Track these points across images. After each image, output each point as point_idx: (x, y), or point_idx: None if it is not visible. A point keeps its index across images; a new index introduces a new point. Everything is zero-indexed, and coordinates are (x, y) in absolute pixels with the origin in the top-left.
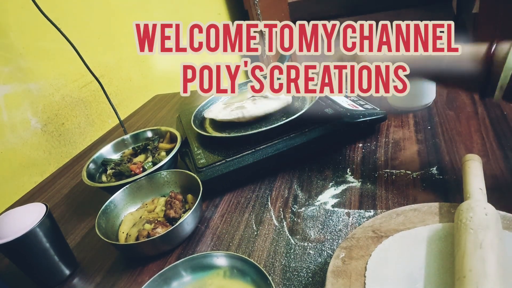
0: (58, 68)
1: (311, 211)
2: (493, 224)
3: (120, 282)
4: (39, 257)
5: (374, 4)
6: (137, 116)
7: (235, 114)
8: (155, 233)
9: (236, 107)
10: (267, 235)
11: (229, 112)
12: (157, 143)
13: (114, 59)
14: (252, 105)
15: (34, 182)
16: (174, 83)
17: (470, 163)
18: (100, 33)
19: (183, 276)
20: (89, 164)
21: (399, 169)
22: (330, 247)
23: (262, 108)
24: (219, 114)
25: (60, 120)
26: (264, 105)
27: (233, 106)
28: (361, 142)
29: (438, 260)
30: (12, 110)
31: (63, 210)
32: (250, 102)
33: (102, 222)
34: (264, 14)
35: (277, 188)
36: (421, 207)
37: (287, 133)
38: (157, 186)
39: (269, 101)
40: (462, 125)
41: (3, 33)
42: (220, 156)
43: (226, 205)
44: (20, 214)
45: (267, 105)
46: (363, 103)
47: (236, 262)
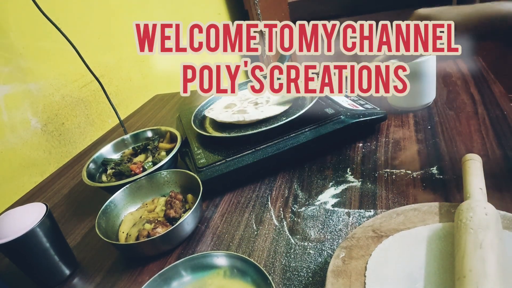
0: (58, 68)
1: (311, 210)
2: (493, 224)
3: (120, 282)
4: (39, 257)
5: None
6: (137, 116)
7: (236, 118)
8: (155, 233)
9: (238, 111)
10: (267, 235)
11: (230, 114)
12: (157, 143)
13: (114, 59)
14: (253, 110)
15: (34, 182)
16: (174, 83)
17: (470, 162)
18: (100, 33)
19: (183, 276)
20: (89, 164)
21: (399, 169)
22: (330, 246)
23: (263, 114)
24: (220, 116)
25: (60, 120)
26: (266, 110)
27: (234, 108)
28: (361, 142)
29: (438, 260)
30: (12, 110)
31: (63, 210)
32: (252, 107)
33: (102, 222)
34: (264, 14)
35: (277, 188)
36: (421, 207)
37: (287, 133)
38: (157, 186)
39: (270, 107)
40: (462, 125)
41: (3, 33)
42: (220, 156)
43: (226, 205)
44: (20, 214)
45: (269, 111)
46: (363, 103)
47: (236, 262)
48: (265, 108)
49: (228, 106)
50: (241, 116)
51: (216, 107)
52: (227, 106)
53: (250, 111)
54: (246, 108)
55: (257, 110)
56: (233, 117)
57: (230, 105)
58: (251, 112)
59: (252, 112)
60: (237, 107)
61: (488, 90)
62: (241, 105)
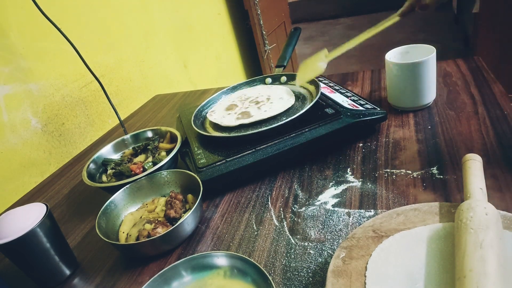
0: (58, 68)
1: (311, 211)
2: (493, 224)
3: (121, 282)
4: (39, 257)
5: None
6: (137, 116)
7: (240, 122)
8: (156, 233)
9: (241, 113)
10: (268, 235)
11: (234, 118)
12: (157, 143)
13: (114, 59)
14: (256, 111)
15: (34, 182)
16: (174, 83)
17: (470, 162)
18: (100, 33)
19: (183, 276)
20: (90, 164)
21: (400, 169)
22: (331, 247)
23: (266, 114)
24: (224, 120)
25: (60, 120)
26: (269, 109)
27: (236, 110)
28: (361, 142)
29: (438, 260)
30: (13, 110)
31: (63, 210)
32: (254, 107)
33: (103, 222)
34: (264, 14)
35: (277, 188)
36: (421, 207)
37: (287, 133)
38: (158, 186)
39: (273, 105)
40: (463, 125)
41: (3, 33)
42: (220, 156)
43: (227, 205)
44: (21, 214)
45: (272, 110)
46: (363, 103)
47: (236, 262)
48: (267, 107)
49: (230, 107)
50: (246, 120)
51: (218, 109)
52: (228, 108)
53: (254, 112)
54: (249, 109)
55: (260, 110)
56: (237, 122)
57: (232, 107)
58: (254, 114)
59: (255, 114)
60: (239, 108)
61: (488, 90)
62: (243, 106)
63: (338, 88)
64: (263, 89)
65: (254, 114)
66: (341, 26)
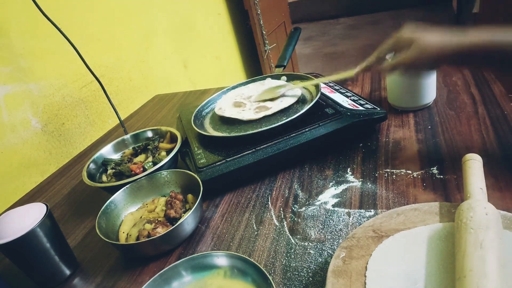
0: (58, 68)
1: (311, 210)
2: (493, 223)
3: (121, 282)
4: (39, 257)
5: (374, 4)
6: (137, 116)
7: (263, 114)
8: (156, 233)
9: (259, 107)
10: (268, 235)
11: (253, 113)
12: (158, 143)
13: (114, 59)
14: (271, 103)
15: (34, 182)
16: (174, 83)
17: (470, 162)
18: (100, 33)
19: (183, 276)
20: (90, 164)
21: (400, 169)
22: (331, 246)
23: (283, 104)
24: (244, 114)
25: (61, 120)
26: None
27: (254, 106)
28: (361, 142)
29: (438, 260)
30: (13, 110)
31: (63, 210)
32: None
33: (103, 222)
34: (264, 14)
35: (277, 187)
36: (421, 207)
37: (287, 133)
38: (158, 186)
39: (286, 98)
40: (463, 125)
41: (3, 33)
42: (220, 156)
43: (227, 205)
44: (21, 214)
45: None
46: (363, 103)
47: (236, 262)
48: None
49: (237, 104)
50: (268, 112)
51: (225, 107)
52: (236, 105)
53: (270, 105)
54: (266, 104)
55: (274, 102)
56: (259, 115)
57: (240, 104)
58: (272, 106)
59: (273, 106)
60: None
61: (488, 90)
62: (250, 105)
63: (338, 88)
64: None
65: (272, 106)
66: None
